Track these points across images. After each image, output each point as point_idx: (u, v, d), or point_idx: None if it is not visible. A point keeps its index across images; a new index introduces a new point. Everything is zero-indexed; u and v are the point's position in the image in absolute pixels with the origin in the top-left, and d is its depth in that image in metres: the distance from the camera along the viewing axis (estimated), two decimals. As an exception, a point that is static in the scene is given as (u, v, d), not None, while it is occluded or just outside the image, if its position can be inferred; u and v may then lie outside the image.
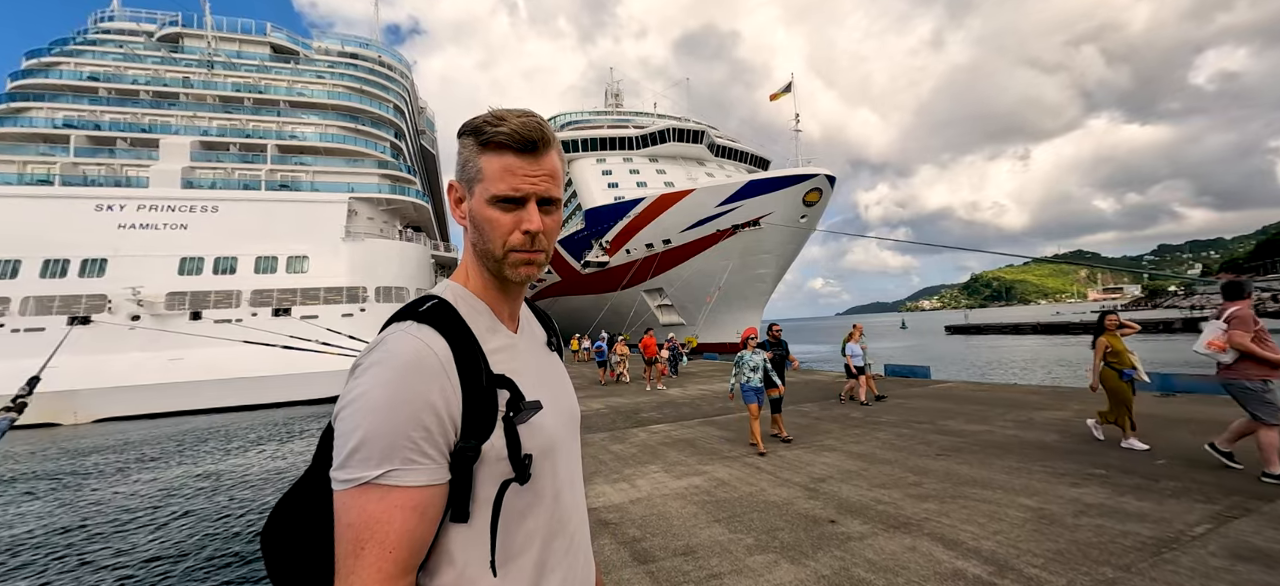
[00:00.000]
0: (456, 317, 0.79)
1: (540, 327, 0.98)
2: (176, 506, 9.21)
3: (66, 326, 23.97)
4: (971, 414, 7.73)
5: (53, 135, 29.88)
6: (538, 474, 0.78)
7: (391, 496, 0.67)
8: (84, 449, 15.50)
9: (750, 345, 6.86)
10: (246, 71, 36.18)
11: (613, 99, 60.72)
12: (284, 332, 23.57)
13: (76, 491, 10.72)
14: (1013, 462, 5.15)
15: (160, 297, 25.89)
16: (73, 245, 26.10)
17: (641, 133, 46.83)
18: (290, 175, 32.41)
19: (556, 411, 0.85)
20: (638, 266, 40.20)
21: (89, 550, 7.34)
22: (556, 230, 0.83)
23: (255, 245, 28.43)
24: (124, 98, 32.59)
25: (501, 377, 0.78)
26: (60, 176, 28.53)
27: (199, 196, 29.32)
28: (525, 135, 0.77)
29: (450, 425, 0.72)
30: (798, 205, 35.23)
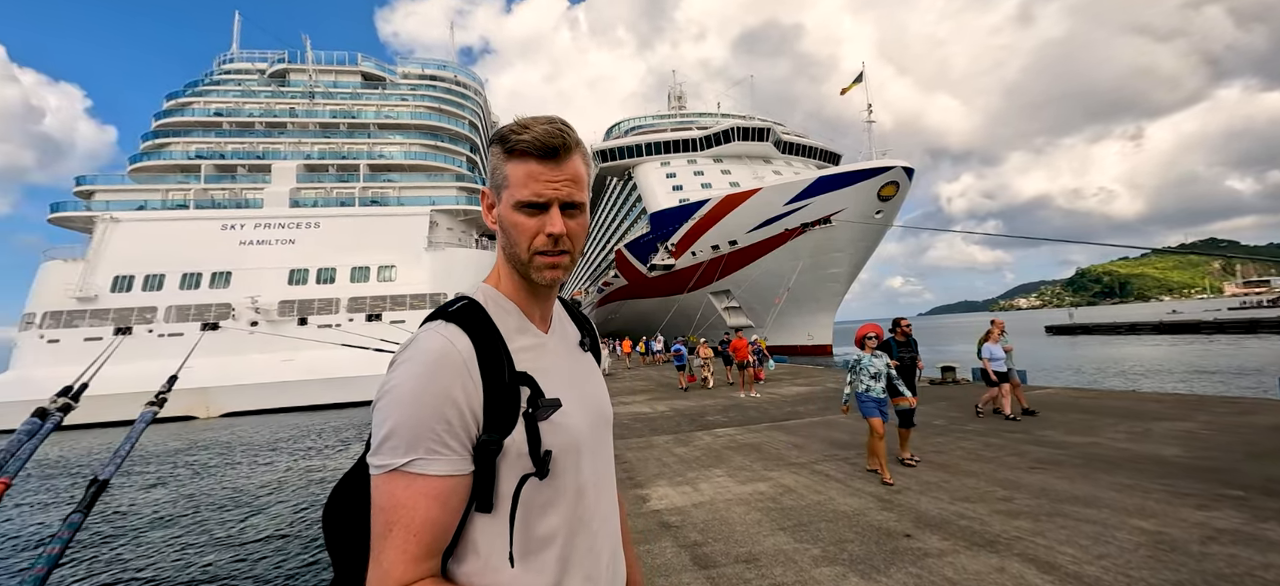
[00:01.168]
0: (483, 317, 0.82)
1: (573, 328, 0.98)
2: (286, 494, 10.25)
3: (200, 331, 27.41)
4: (1074, 423, 6.98)
5: (187, 165, 34.29)
6: (559, 470, 0.79)
7: (416, 484, 0.71)
8: (219, 440, 17.63)
9: (869, 346, 5.60)
10: (341, 99, 39.72)
11: (675, 101, 60.72)
12: (376, 336, 25.58)
13: (212, 475, 12.21)
14: (1123, 479, 4.59)
15: (274, 305, 29.00)
16: (204, 261, 29.81)
17: (705, 133, 46.44)
18: (379, 191, 35.19)
19: (583, 410, 0.86)
20: (704, 268, 39.86)
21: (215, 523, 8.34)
22: (581, 233, 0.85)
23: (351, 256, 31.14)
24: (242, 129, 36.79)
25: (523, 375, 0.80)
26: (194, 201, 32.67)
27: (304, 214, 32.54)
28: (547, 142, 0.79)
29: (472, 419, 0.74)
30: (872, 200, 33.46)
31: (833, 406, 10.06)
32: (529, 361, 0.82)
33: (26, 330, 27.64)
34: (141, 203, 32.28)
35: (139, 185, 33.51)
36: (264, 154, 35.33)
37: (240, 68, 41.73)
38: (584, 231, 0.86)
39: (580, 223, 0.84)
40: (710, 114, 56.45)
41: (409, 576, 0.70)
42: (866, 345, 5.64)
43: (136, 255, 29.46)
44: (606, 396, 0.96)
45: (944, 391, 11.20)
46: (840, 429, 7.88)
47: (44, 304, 27.94)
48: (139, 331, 27.60)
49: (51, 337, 27.25)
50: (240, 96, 38.50)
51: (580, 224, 0.84)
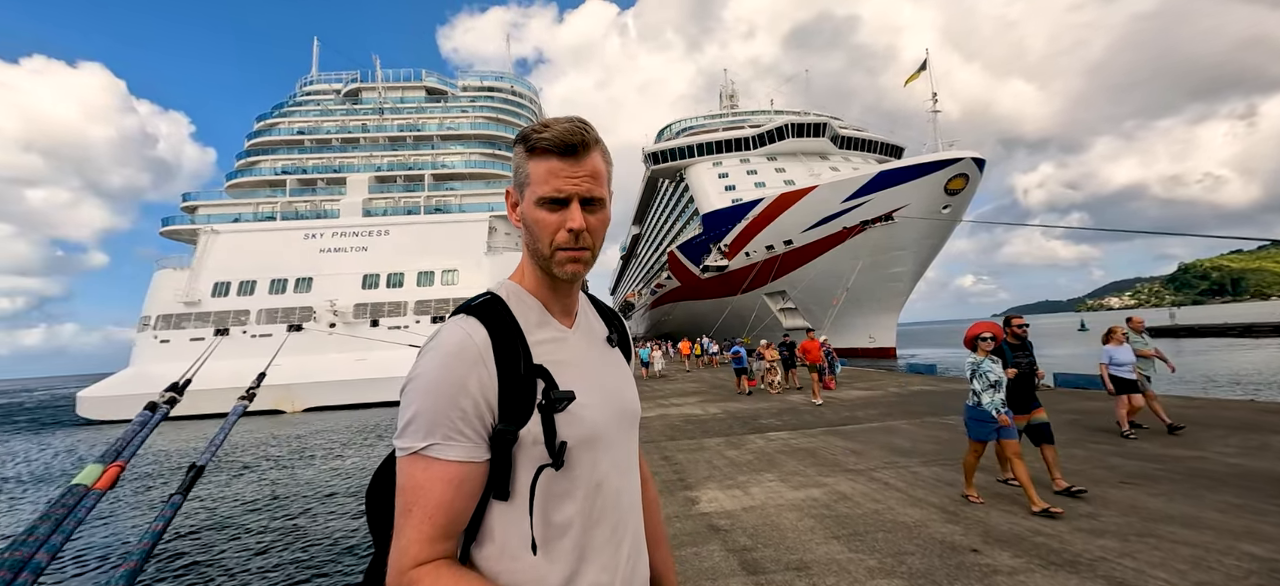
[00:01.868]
0: (504, 311, 0.85)
1: (601, 324, 0.99)
2: (352, 483, 10.95)
3: (286, 332, 29.83)
4: (1173, 437, 6.31)
5: (274, 180, 37.46)
6: (575, 462, 0.81)
7: (433, 468, 0.74)
8: (297, 434, 19.09)
9: (983, 349, 4.60)
10: (407, 113, 42.10)
11: (727, 100, 60.00)
12: (439, 338, 27.05)
13: (287, 467, 13.24)
14: (1230, 498, 4.10)
15: (349, 308, 31.15)
16: (289, 267, 32.45)
17: (758, 131, 45.58)
18: (442, 199, 37.03)
19: (604, 404, 0.87)
20: (758, 269, 39.10)
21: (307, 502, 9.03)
22: (602, 228, 0.86)
23: (417, 261, 32.97)
24: (321, 145, 39.76)
25: (539, 367, 0.82)
26: (280, 213, 35.62)
27: (375, 223, 34.75)
28: (566, 139, 0.81)
29: (486, 408, 0.77)
30: (938, 195, 31.65)
31: (895, 411, 9.59)
32: (547, 354, 0.84)
33: (143, 331, 31.05)
34: (236, 215, 35.57)
35: (234, 200, 36.96)
36: (340, 168, 38.06)
37: (319, 89, 45.11)
38: (604, 227, 0.87)
39: (600, 218, 0.85)
40: (763, 112, 55.35)
41: (424, 555, 0.73)
42: (980, 347, 4.63)
43: (232, 263, 32.51)
44: (632, 392, 0.96)
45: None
46: (902, 435, 7.51)
47: (157, 308, 31.31)
48: (234, 332, 30.39)
49: (163, 338, 30.49)
50: (319, 115, 41.64)
51: (600, 219, 0.85)
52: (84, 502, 1.18)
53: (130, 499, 10.98)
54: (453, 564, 0.76)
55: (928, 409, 9.65)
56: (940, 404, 10.16)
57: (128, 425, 1.68)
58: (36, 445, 21.35)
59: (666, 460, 6.91)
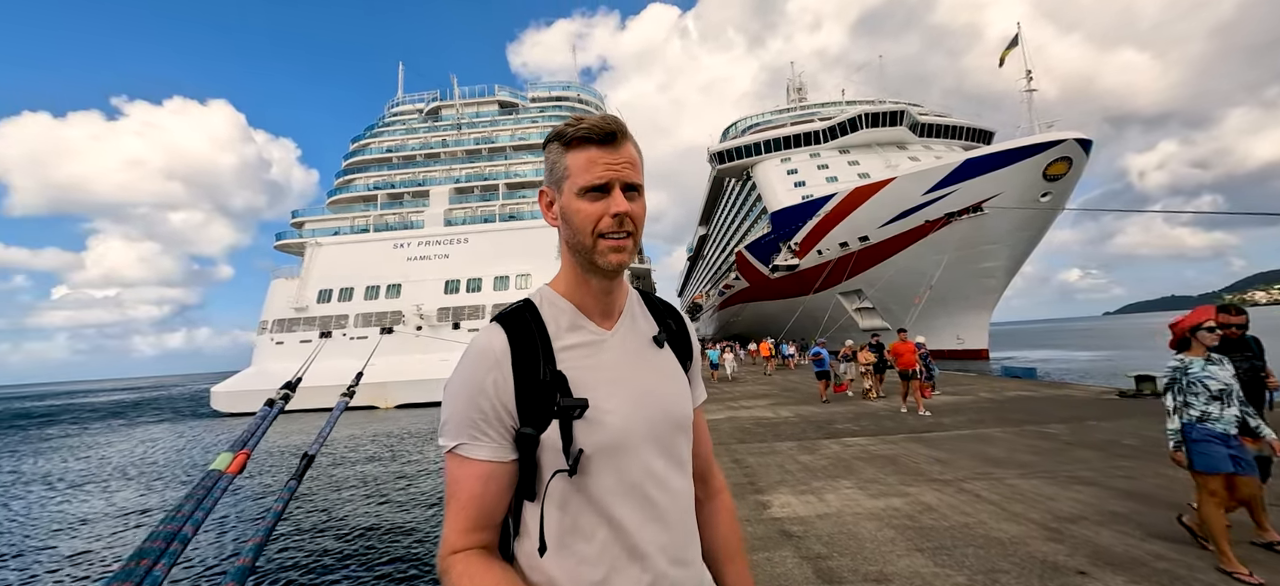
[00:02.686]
0: (530, 317, 0.86)
1: (649, 323, 0.94)
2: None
3: (379, 334, 32.41)
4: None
5: (367, 196, 40.79)
6: (596, 470, 0.80)
7: (464, 465, 0.80)
8: (385, 430, 20.69)
9: (1201, 346, 3.35)
10: (482, 127, 44.39)
11: (795, 94, 58.17)
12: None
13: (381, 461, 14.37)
14: None
15: (433, 312, 33.31)
16: (381, 275, 35.21)
17: (828, 124, 43.79)
18: (516, 207, 38.71)
19: (634, 411, 0.84)
20: (832, 267, 37.55)
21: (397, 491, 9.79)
22: (642, 215, 0.85)
23: (493, 267, 34.69)
24: (406, 162, 42.81)
25: (556, 374, 0.81)
26: (372, 225, 38.71)
27: (455, 231, 36.94)
28: (603, 128, 0.82)
29: (504, 411, 0.80)
30: (1036, 181, 28.92)
31: (988, 418, 8.88)
32: (573, 359, 0.84)
33: (261, 334, 34.86)
34: (335, 229, 39.10)
35: (334, 215, 40.62)
36: (423, 181, 40.82)
37: (404, 109, 48.63)
38: (644, 217, 0.86)
39: (640, 206, 0.85)
40: (833, 103, 53.17)
41: (460, 544, 0.79)
42: (1196, 344, 3.35)
43: (333, 272, 35.77)
44: (678, 396, 0.91)
45: (1142, 406, 9.33)
46: (996, 445, 6.95)
47: (272, 313, 35.06)
48: (336, 335, 33.38)
49: (278, 340, 34.08)
50: (404, 134, 44.88)
51: (640, 208, 0.85)
52: (219, 485, 1.33)
53: (255, 486, 12.38)
54: (485, 554, 0.80)
55: (1025, 416, 8.87)
56: (1041, 411, 9.30)
57: (251, 418, 1.88)
58: (176, 434, 24.64)
59: (736, 463, 6.83)
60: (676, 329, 0.98)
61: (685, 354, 0.97)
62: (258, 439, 1.73)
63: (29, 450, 22.04)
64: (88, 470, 16.43)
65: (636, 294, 0.98)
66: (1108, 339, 75.49)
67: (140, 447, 20.81)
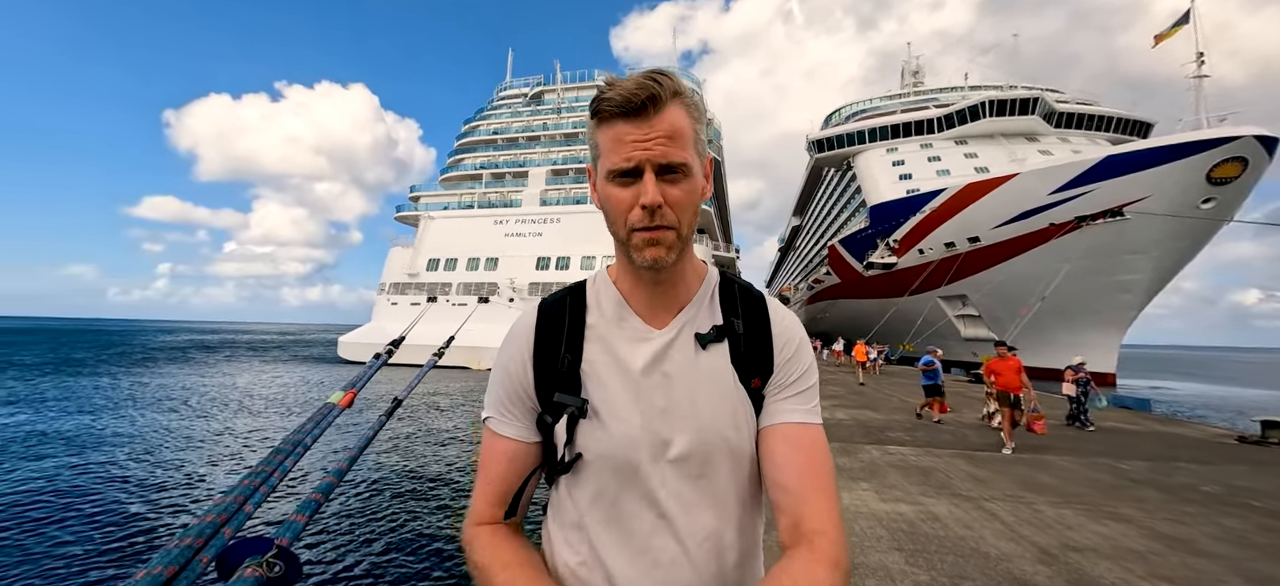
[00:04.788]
0: (568, 303, 0.81)
1: (712, 320, 0.80)
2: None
3: (476, 303, 35.53)
4: None
5: (474, 175, 44.33)
6: (592, 475, 0.75)
7: (493, 440, 0.79)
8: (463, 388, 22.87)
9: None
10: (580, 111, 46.24)
11: (910, 78, 53.88)
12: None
13: (442, 415, 16.10)
14: None
15: (525, 286, 35.84)
16: (481, 248, 38.41)
17: (945, 112, 40.25)
18: (606, 191, 40.37)
19: (648, 424, 0.74)
20: (933, 269, 34.86)
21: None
22: (687, 202, 0.71)
23: (582, 247, 36.48)
24: (510, 143, 45.83)
25: (573, 367, 0.77)
26: (477, 202, 42.10)
27: (549, 212, 39.18)
28: (630, 97, 0.68)
29: (525, 394, 0.78)
30: (1197, 184, 24.80)
31: (1060, 445, 8.22)
32: (600, 353, 0.78)
33: (380, 295, 39.63)
34: (445, 205, 43.03)
35: (444, 191, 44.67)
36: (523, 163, 43.58)
37: (511, 94, 51.89)
38: (691, 199, 0.72)
39: (685, 189, 0.71)
40: (954, 89, 48.63)
41: (485, 516, 0.78)
42: None
43: (441, 244, 39.63)
44: (720, 411, 0.75)
45: (1264, 454, 8.12)
46: (1050, 472, 6.54)
47: (390, 277, 39.68)
48: (440, 300, 37.06)
49: (393, 301, 38.56)
50: (509, 117, 47.99)
51: (685, 191, 0.71)
52: (330, 414, 1.69)
53: (359, 419, 14.61)
54: (509, 530, 0.78)
55: (1106, 449, 8.10)
56: (1129, 445, 8.42)
57: (363, 367, 2.34)
58: (310, 373, 28.99)
59: (767, 454, 7.06)
60: (748, 329, 0.79)
61: (756, 359, 0.78)
62: (364, 382, 2.09)
63: (208, 373, 27.19)
64: (245, 397, 20.09)
65: (717, 283, 0.84)
66: None
67: (282, 380, 24.90)
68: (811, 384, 0.80)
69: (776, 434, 0.76)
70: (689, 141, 0.71)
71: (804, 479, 0.73)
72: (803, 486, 0.72)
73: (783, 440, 0.75)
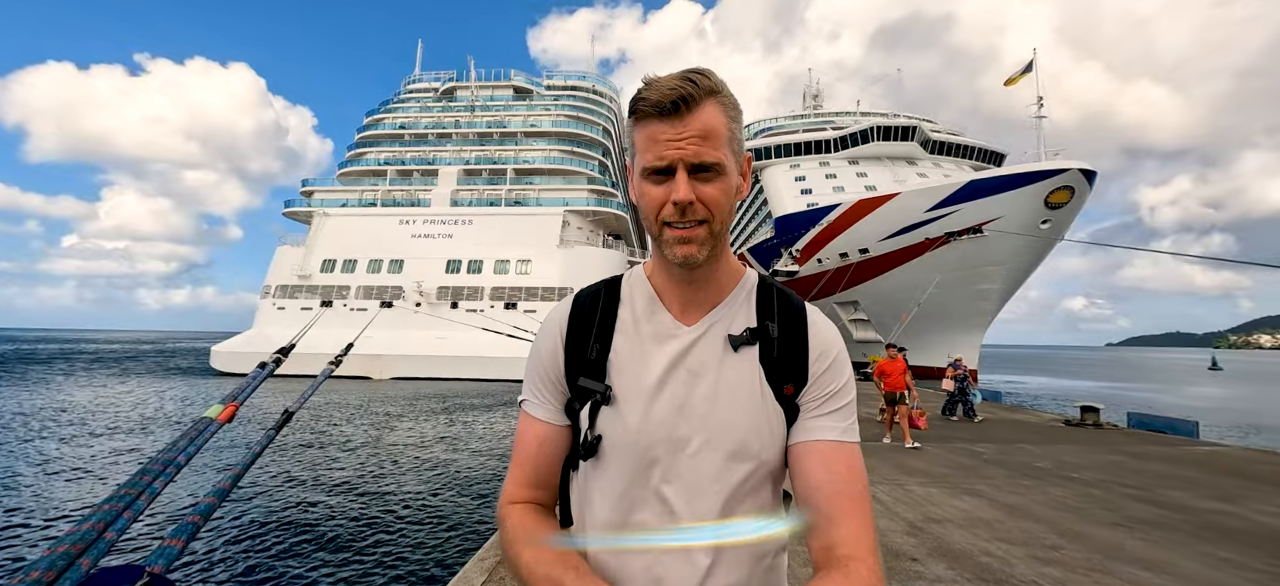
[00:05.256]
0: (603, 294, 0.84)
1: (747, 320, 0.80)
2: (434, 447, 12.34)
3: (378, 308, 33.19)
4: (1218, 489, 5.83)
5: (377, 170, 41.52)
6: (609, 462, 0.76)
7: (527, 422, 0.83)
8: (385, 395, 21.42)
9: None
10: (495, 111, 44.93)
11: (811, 100, 58.11)
12: (510, 323, 28.88)
13: (385, 428, 15.05)
14: (1222, 553, 3.91)
15: (433, 290, 34.06)
16: (384, 250, 35.96)
17: (840, 134, 43.89)
18: (522, 193, 39.31)
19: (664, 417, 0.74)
20: (829, 277, 37.93)
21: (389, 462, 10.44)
22: (722, 199, 0.72)
23: (495, 251, 35.35)
24: (418, 140, 43.46)
25: (600, 355, 0.79)
26: (380, 200, 39.45)
27: (461, 213, 37.62)
28: (664, 97, 0.69)
29: (556, 379, 0.81)
30: (1037, 208, 29.14)
31: (934, 432, 9.31)
32: (627, 345, 0.79)
33: (265, 298, 35.80)
34: (344, 201, 39.89)
35: (343, 187, 41.41)
36: (433, 160, 41.50)
37: (420, 87, 49.25)
38: (727, 197, 0.73)
39: (719, 186, 0.72)
40: (848, 113, 53.13)
41: (517, 496, 0.81)
42: None
43: (338, 243, 36.60)
44: (741, 416, 0.75)
45: (1081, 434, 9.74)
46: (924, 458, 7.42)
47: (276, 278, 35.96)
48: (337, 305, 34.21)
49: (280, 305, 34.98)
50: (418, 112, 45.51)
51: (719, 188, 0.72)
52: (209, 429, 1.58)
53: (239, 435, 13.12)
54: (539, 511, 0.81)
55: (965, 436, 9.32)
56: (982, 432, 9.74)
57: (245, 378, 2.18)
58: (174, 388, 25.54)
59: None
60: (783, 335, 0.79)
61: (790, 366, 0.78)
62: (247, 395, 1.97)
63: (37, 390, 23.02)
64: (87, 416, 17.27)
65: (755, 285, 0.84)
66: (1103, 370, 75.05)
67: (141, 397, 21.71)
68: (849, 400, 0.79)
69: (810, 451, 0.75)
70: (723, 140, 0.72)
71: (837, 500, 0.72)
72: (836, 508, 0.72)
73: (816, 458, 0.75)
